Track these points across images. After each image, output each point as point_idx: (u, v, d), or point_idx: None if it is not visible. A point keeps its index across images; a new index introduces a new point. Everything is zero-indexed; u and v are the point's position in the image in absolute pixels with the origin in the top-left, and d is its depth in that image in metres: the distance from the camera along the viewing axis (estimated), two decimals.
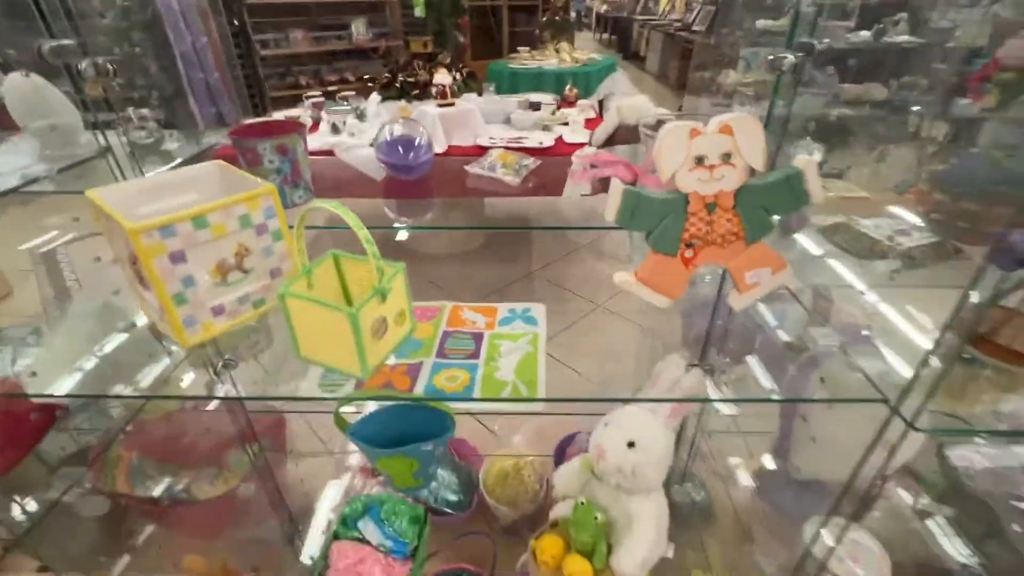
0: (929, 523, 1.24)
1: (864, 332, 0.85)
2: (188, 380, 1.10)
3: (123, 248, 0.53)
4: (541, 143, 2.04)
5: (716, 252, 0.55)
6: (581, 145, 1.69)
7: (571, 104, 2.62)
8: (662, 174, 0.50)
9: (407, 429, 1.01)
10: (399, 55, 4.65)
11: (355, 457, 1.49)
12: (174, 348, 0.90)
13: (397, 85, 2.74)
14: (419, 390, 1.15)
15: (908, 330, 0.72)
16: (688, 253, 0.55)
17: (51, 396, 0.79)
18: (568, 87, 2.74)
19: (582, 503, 0.82)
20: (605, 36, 9.60)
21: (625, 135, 0.76)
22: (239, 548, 1.29)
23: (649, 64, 7.25)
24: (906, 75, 2.94)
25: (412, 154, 0.97)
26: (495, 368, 1.19)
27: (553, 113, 2.41)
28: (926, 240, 0.88)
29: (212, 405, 1.17)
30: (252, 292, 0.58)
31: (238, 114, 3.50)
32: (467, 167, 1.09)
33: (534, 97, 2.58)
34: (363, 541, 0.82)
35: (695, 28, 5.81)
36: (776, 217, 0.54)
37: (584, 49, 4.46)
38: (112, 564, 1.35)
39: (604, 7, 9.84)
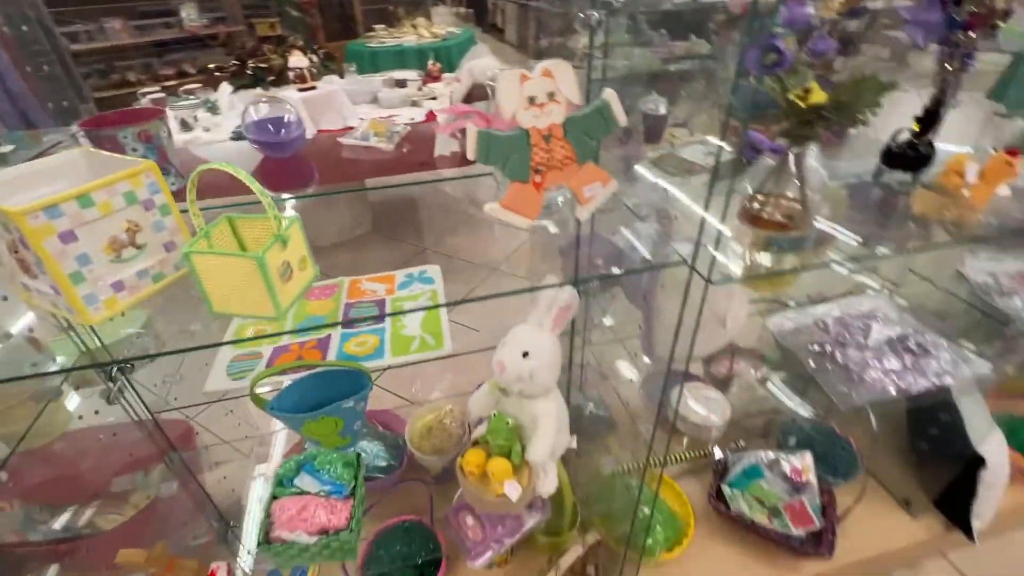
0: (770, 387, 1.57)
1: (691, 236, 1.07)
2: (78, 394, 1.04)
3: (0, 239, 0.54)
4: (413, 119, 2.09)
5: (557, 175, 0.69)
6: None
7: (436, 79, 2.68)
8: (504, 114, 0.62)
9: (325, 395, 1.06)
10: (243, 40, 4.30)
11: (277, 441, 1.50)
12: (60, 358, 0.86)
13: (248, 72, 2.59)
14: (331, 359, 1.21)
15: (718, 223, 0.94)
16: (537, 178, 0.68)
17: None
18: (431, 62, 2.78)
19: (494, 415, 0.95)
20: (462, 10, 9.59)
21: (480, 93, 0.87)
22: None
23: (508, 35, 7.44)
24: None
25: (283, 131, 0.99)
26: (401, 327, 1.28)
27: (420, 89, 2.46)
28: (727, 158, 1.12)
29: (110, 419, 1.11)
30: (150, 267, 0.61)
31: (57, 118, 3.06)
32: (340, 139, 1.12)
33: (398, 75, 2.61)
34: (302, 494, 0.88)
35: None
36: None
37: (442, 24, 4.48)
38: None
39: None
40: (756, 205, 0.79)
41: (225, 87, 2.43)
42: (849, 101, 0.65)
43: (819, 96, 0.66)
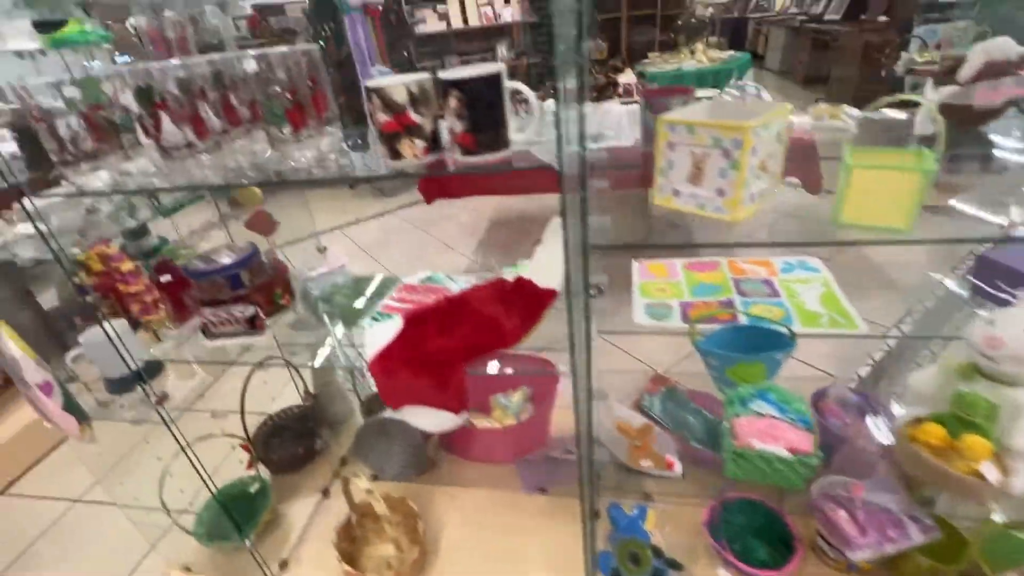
0: None
1: None
2: None
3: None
4: None
5: None
6: None
7: None
8: None
9: (746, 346, 1.16)
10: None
11: None
12: None
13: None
14: (743, 321, 1.31)
15: None
16: None
17: None
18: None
19: (963, 391, 0.92)
20: (713, 39, 9.53)
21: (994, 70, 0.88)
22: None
23: (769, 61, 7.11)
24: None
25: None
26: (802, 303, 1.32)
27: None
28: None
29: None
30: (762, 190, 0.78)
31: None
32: None
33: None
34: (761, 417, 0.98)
35: (827, 18, 5.65)
36: None
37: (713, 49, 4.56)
38: None
39: (710, 10, 9.78)
40: None
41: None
42: None
43: None
